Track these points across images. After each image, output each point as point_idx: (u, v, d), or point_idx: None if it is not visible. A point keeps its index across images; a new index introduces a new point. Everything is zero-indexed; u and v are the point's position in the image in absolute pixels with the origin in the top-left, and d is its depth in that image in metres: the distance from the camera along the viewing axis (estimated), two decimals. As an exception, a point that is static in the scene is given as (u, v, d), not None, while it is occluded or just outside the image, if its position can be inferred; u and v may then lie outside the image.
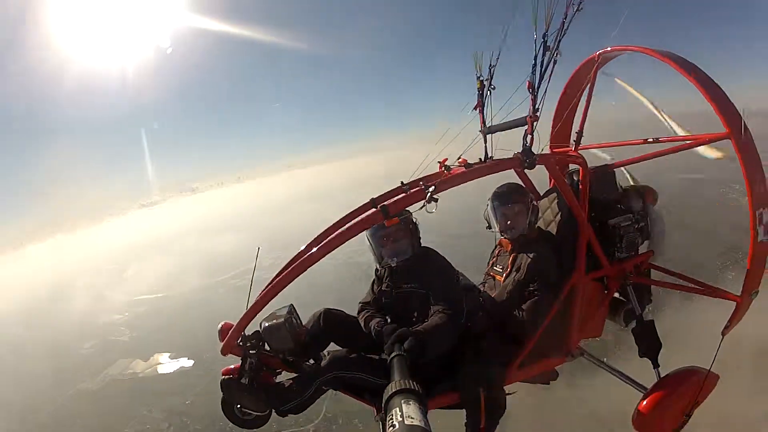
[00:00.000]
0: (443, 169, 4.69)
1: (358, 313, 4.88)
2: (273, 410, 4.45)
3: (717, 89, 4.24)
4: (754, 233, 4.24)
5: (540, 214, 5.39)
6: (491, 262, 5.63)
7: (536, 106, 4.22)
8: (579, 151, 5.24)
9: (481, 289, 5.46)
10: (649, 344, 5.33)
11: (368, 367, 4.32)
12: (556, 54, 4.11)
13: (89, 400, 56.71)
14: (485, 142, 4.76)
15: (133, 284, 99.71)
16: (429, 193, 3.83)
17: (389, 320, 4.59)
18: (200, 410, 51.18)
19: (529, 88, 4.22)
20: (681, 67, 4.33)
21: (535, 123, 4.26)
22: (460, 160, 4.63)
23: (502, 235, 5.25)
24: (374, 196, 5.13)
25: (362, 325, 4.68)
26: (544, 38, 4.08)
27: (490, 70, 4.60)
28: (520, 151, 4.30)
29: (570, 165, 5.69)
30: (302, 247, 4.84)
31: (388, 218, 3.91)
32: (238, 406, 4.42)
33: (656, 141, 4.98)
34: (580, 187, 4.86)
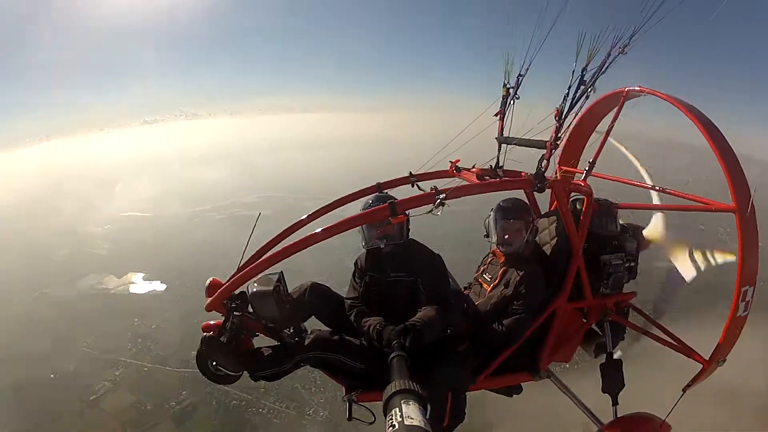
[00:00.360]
0: (453, 170, 4.97)
1: (349, 310, 4.81)
2: (246, 372, 4.48)
3: (735, 162, 4.28)
4: (735, 308, 4.37)
5: (537, 234, 5.38)
6: (482, 268, 5.63)
7: (559, 135, 4.31)
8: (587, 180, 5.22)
9: (467, 293, 5.55)
10: (613, 382, 5.45)
11: (348, 350, 4.40)
12: (590, 90, 4.20)
13: (57, 306, 57.47)
14: (499, 150, 4.86)
15: (120, 200, 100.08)
16: (439, 200, 3.83)
17: (369, 311, 4.69)
18: (165, 337, 52.19)
19: (556, 116, 4.30)
20: (705, 130, 4.38)
21: (553, 150, 4.35)
22: (474, 168, 4.77)
23: (498, 247, 5.24)
24: (380, 181, 5.29)
25: (357, 324, 4.63)
26: (582, 73, 4.18)
27: (518, 79, 4.72)
28: (532, 172, 4.36)
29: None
30: (303, 216, 5.05)
31: (395, 216, 3.90)
32: (214, 363, 4.35)
33: (664, 191, 5.07)
34: (582, 217, 4.90)
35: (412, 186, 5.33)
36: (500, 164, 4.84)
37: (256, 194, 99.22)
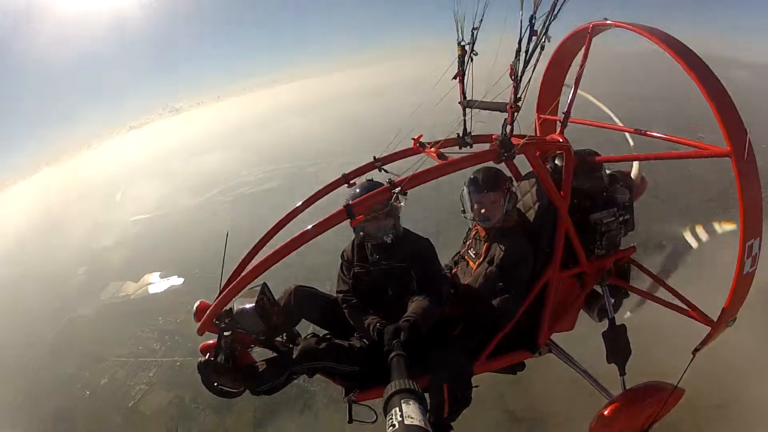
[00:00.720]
0: (417, 146, 4.87)
1: (342, 303, 4.85)
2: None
3: (725, 99, 3.90)
4: (740, 264, 4.16)
5: (519, 197, 5.24)
6: (467, 243, 5.55)
7: (518, 95, 4.07)
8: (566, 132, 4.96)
9: (454, 270, 5.60)
10: (618, 351, 5.28)
11: (337, 355, 4.49)
12: (544, 40, 3.88)
13: (84, 326, 56.92)
14: (464, 115, 4.76)
15: (122, 207, 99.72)
16: (395, 194, 3.75)
17: (362, 303, 4.78)
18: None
19: (511, 75, 4.05)
20: (687, 63, 3.96)
21: (515, 113, 4.13)
22: (433, 148, 4.54)
23: (476, 222, 5.15)
24: (346, 172, 5.13)
25: (353, 321, 4.70)
26: (531, 22, 3.84)
27: (472, 33, 4.42)
28: (498, 139, 4.11)
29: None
30: (272, 225, 5.10)
31: (353, 219, 3.76)
32: (215, 383, 4.49)
33: (646, 134, 4.73)
34: (563, 175, 4.69)
35: (380, 171, 5.10)
36: (468, 131, 4.79)
37: (259, 169, 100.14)
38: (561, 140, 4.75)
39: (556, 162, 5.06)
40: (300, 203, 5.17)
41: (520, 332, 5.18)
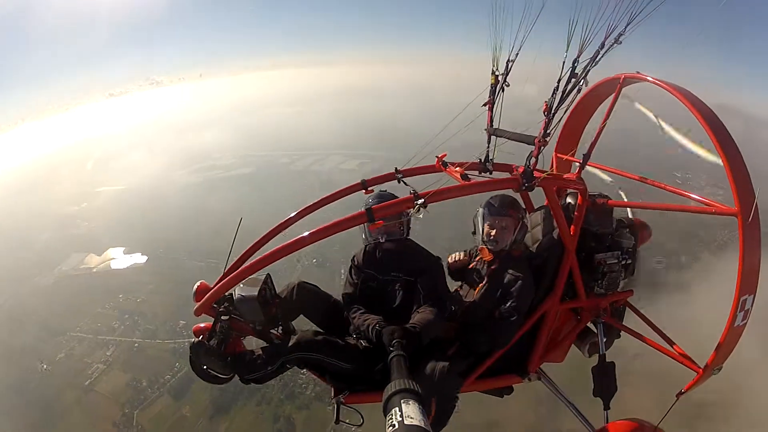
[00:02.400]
0: (440, 165, 4.87)
1: (346, 306, 4.86)
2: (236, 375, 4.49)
3: (740, 162, 4.11)
4: (733, 317, 4.29)
5: (529, 229, 5.32)
6: (471, 265, 5.50)
7: (548, 131, 4.18)
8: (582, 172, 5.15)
9: (456, 288, 5.56)
10: (605, 386, 5.48)
11: (331, 350, 4.41)
12: (582, 83, 4.04)
13: (43, 296, 56.91)
14: (488, 142, 4.82)
15: (93, 175, 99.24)
16: (418, 205, 3.75)
17: (366, 309, 4.69)
18: (152, 309, 52.32)
19: (545, 111, 4.14)
20: (708, 124, 4.14)
21: (542, 147, 4.23)
22: (457, 168, 4.63)
23: (484, 245, 5.11)
24: (366, 178, 5.23)
25: (354, 322, 4.62)
26: (573, 64, 4.00)
27: (507, 65, 4.53)
28: (521, 170, 4.24)
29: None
30: (291, 215, 5.05)
31: (372, 222, 3.75)
32: (204, 366, 4.25)
33: (661, 186, 4.89)
34: (575, 213, 4.91)
35: (399, 182, 5.15)
36: (490, 157, 4.82)
37: (232, 154, 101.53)
38: (578, 181, 4.88)
39: (568, 200, 5.31)
40: (318, 200, 5.15)
41: (512, 357, 5.22)
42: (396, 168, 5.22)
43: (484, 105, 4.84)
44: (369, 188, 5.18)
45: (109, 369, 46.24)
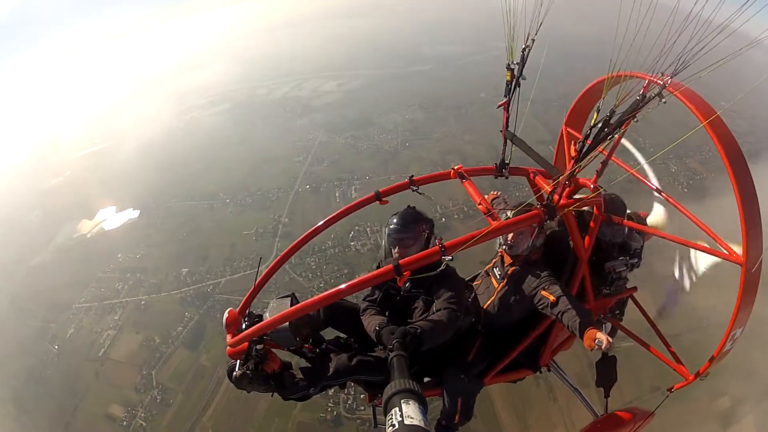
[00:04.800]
0: (456, 176, 5.22)
1: (363, 311, 5.15)
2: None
3: (756, 213, 4.31)
4: (724, 343, 4.91)
5: (545, 235, 5.50)
6: (493, 261, 5.93)
7: (574, 172, 4.46)
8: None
9: (475, 282, 6.16)
10: (607, 377, 6.18)
11: (365, 369, 4.87)
12: (617, 133, 4.32)
13: (44, 274, 56.16)
14: (504, 146, 5.14)
15: (70, 143, 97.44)
16: (444, 261, 4.03)
17: (388, 319, 4.87)
18: (153, 262, 52.28)
19: (574, 157, 4.37)
20: (731, 165, 4.23)
21: (567, 185, 4.69)
22: (480, 206, 4.77)
23: (503, 249, 5.50)
24: (379, 190, 5.30)
25: (365, 324, 4.93)
26: (610, 114, 4.12)
27: (523, 54, 4.61)
28: (542, 204, 4.55)
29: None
30: (303, 235, 5.25)
31: (400, 276, 3.95)
32: (249, 391, 4.79)
33: (676, 205, 5.41)
34: (591, 224, 5.21)
35: (413, 191, 5.30)
36: (506, 161, 5.21)
37: (207, 93, 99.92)
38: (595, 198, 5.00)
39: (584, 208, 5.37)
40: (331, 216, 5.30)
41: (525, 353, 5.79)
42: (410, 177, 5.35)
43: (500, 107, 5.02)
44: (383, 199, 5.30)
45: (120, 333, 45.72)
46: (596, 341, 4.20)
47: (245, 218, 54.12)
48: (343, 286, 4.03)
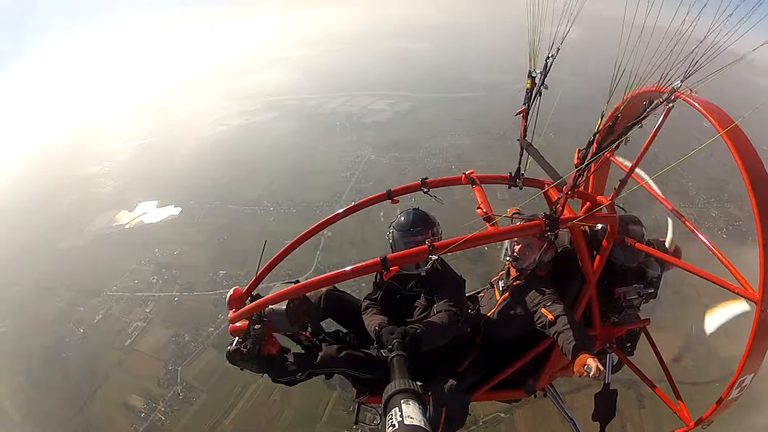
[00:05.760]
0: (468, 182, 5.18)
1: (364, 309, 5.22)
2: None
3: None
4: (729, 390, 4.53)
5: (555, 250, 5.42)
6: (500, 273, 5.88)
7: (577, 182, 4.36)
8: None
9: (480, 295, 6.23)
10: (604, 412, 5.84)
11: (353, 364, 4.93)
12: (622, 141, 4.04)
13: (76, 257, 57.58)
14: (520, 155, 4.97)
15: (113, 134, 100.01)
16: (431, 261, 4.04)
17: (389, 319, 4.91)
18: (189, 260, 53.05)
19: (576, 164, 4.28)
20: (754, 191, 3.89)
21: (570, 196, 4.44)
22: (479, 209, 4.73)
23: (508, 261, 5.46)
24: (391, 189, 5.35)
25: (365, 323, 5.01)
26: (614, 121, 4.14)
27: (546, 64, 4.55)
28: (545, 215, 4.36)
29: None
30: (316, 224, 5.33)
31: (387, 271, 4.05)
32: (241, 368, 4.84)
33: (694, 231, 5.28)
34: (603, 243, 5.07)
35: (425, 193, 5.32)
36: (521, 171, 5.06)
37: (258, 100, 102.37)
38: (608, 214, 4.97)
39: (598, 227, 5.45)
40: (344, 209, 5.44)
41: (522, 373, 5.67)
42: (422, 179, 5.30)
43: (518, 114, 4.91)
44: (395, 198, 5.30)
45: (150, 326, 46.68)
46: (585, 367, 4.16)
47: (288, 228, 53.92)
48: (330, 273, 4.13)
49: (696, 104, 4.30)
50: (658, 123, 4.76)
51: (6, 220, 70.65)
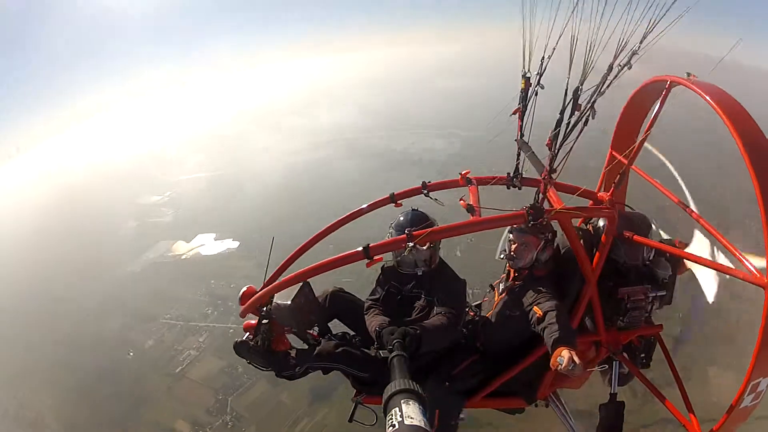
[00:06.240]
0: (465, 183, 5.36)
1: (366, 309, 5.38)
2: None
3: None
4: (738, 398, 4.16)
5: (555, 251, 5.39)
6: (502, 276, 5.78)
7: (553, 166, 4.38)
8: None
9: (484, 299, 6.18)
10: (609, 425, 5.67)
11: (349, 361, 5.00)
12: (588, 115, 4.04)
13: (131, 283, 59.39)
14: (518, 155, 4.99)
15: (175, 164, 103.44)
16: (410, 247, 4.12)
17: (390, 320, 4.99)
18: None
19: (548, 145, 4.29)
20: (755, 172, 3.70)
21: (548, 185, 4.56)
22: (461, 202, 4.94)
23: (502, 259, 5.47)
24: (394, 192, 5.62)
25: (367, 323, 5.16)
26: (575, 95, 4.03)
27: (541, 64, 4.44)
28: (528, 205, 4.39)
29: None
30: (328, 225, 5.75)
31: (370, 259, 4.18)
32: (247, 361, 5.09)
33: (705, 225, 5.15)
34: (602, 239, 4.92)
35: (426, 196, 5.56)
36: (519, 171, 5.06)
37: (325, 137, 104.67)
38: (606, 205, 4.92)
39: (600, 224, 5.36)
40: (349, 213, 5.70)
41: (524, 380, 5.55)
42: (423, 182, 5.58)
43: (513, 114, 4.91)
44: (398, 201, 5.58)
45: (202, 355, 47.30)
46: (559, 359, 4.02)
47: (348, 266, 52.92)
48: (317, 263, 4.33)
49: (690, 84, 4.39)
50: (657, 107, 4.97)
51: (65, 238, 73.77)
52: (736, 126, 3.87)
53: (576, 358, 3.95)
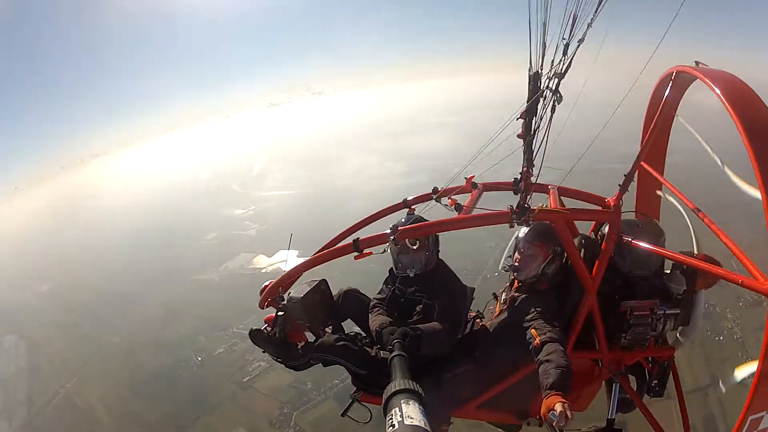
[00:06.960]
0: (471, 186, 5.60)
1: (371, 308, 5.45)
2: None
3: None
4: (740, 424, 3.55)
5: (562, 264, 5.14)
6: (506, 285, 5.82)
7: (531, 158, 4.37)
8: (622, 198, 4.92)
9: (488, 308, 6.00)
10: None
11: (347, 356, 5.00)
12: (555, 100, 3.93)
13: (207, 290, 60.85)
14: (524, 153, 4.65)
15: (261, 181, 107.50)
16: (391, 240, 4.27)
17: (393, 320, 5.11)
18: None
19: (521, 136, 4.30)
20: (759, 170, 3.21)
21: (528, 178, 4.54)
22: (449, 200, 5.38)
23: (506, 270, 5.38)
24: (407, 197, 5.98)
25: (370, 322, 5.23)
26: (535, 80, 4.00)
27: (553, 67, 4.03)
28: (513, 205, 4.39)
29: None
30: (348, 227, 6.18)
31: (360, 253, 4.33)
32: (262, 350, 5.31)
33: (714, 228, 4.33)
34: (603, 246, 4.75)
35: (436, 201, 5.72)
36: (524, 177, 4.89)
37: (405, 163, 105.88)
38: (607, 206, 4.89)
39: (606, 230, 4.93)
40: (365, 218, 6.12)
41: (518, 396, 5.27)
42: (433, 188, 5.79)
43: (520, 118, 4.54)
44: (411, 207, 5.81)
45: (272, 368, 47.53)
46: (551, 413, 3.77)
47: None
48: (312, 256, 4.74)
49: (695, 72, 4.18)
50: (666, 94, 4.80)
51: (149, 241, 77.37)
52: (735, 109, 3.53)
53: (569, 413, 3.68)
